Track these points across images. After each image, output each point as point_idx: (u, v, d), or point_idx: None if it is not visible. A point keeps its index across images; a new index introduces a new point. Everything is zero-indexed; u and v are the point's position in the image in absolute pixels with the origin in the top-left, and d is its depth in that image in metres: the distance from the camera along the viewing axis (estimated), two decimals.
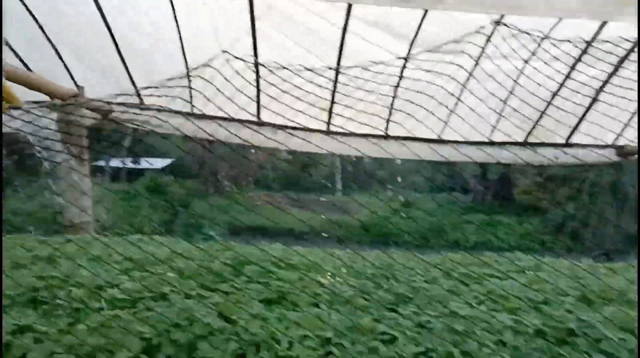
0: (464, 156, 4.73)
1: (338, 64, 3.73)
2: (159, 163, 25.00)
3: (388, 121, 4.44)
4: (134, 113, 4.76)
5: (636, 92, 3.83)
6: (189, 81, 4.39)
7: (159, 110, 5.03)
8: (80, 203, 3.62)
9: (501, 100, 3.99)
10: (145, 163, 25.05)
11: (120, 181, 23.20)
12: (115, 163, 24.47)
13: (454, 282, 2.66)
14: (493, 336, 1.75)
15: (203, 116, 4.88)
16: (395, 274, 2.82)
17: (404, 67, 3.74)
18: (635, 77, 3.79)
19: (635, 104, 4.24)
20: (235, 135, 4.06)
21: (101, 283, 2.15)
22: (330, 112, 4.36)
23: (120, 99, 4.53)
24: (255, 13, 3.59)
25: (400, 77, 3.81)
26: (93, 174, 23.77)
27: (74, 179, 3.56)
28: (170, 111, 4.79)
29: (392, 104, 4.16)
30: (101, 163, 23.87)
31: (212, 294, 2.06)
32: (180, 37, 3.89)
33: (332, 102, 4.23)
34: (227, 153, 22.01)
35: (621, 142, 4.69)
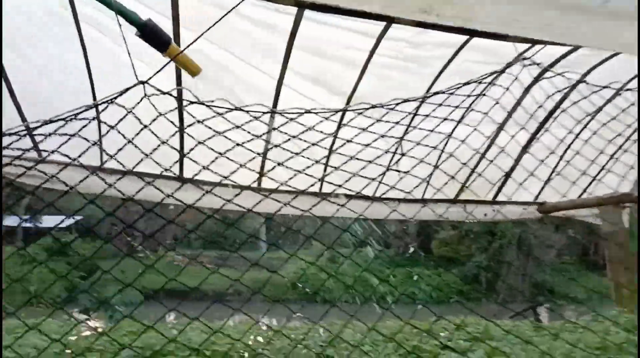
0: (397, 214, 4.65)
1: (273, 112, 3.52)
2: (63, 221, 22.50)
3: (322, 178, 4.25)
4: (31, 169, 4.09)
5: (554, 155, 4.06)
6: (99, 122, 3.89)
7: (59, 164, 4.39)
8: None
9: (430, 164, 4.02)
10: (48, 222, 22.44)
11: (15, 243, 20.41)
12: (9, 221, 21.58)
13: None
14: None
15: (115, 171, 4.34)
16: (344, 346, 2.49)
17: (341, 122, 3.63)
18: (553, 140, 4.02)
19: (553, 165, 4.51)
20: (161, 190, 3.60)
21: None
22: (262, 167, 4.08)
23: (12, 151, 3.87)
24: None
25: (337, 132, 3.69)
26: None
27: None
28: (76, 165, 4.18)
29: (327, 161, 3.99)
30: None
31: None
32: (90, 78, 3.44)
33: (265, 155, 3.97)
34: (143, 210, 20.53)
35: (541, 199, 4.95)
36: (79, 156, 2.40)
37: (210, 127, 2.02)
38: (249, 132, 2.50)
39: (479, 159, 4.31)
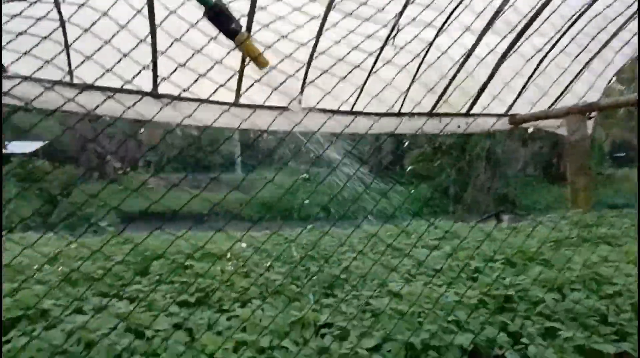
0: (374, 128, 4.70)
1: (250, 19, 3.33)
2: (30, 146, 21.70)
3: (302, 91, 4.18)
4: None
5: (529, 64, 4.08)
6: (67, 50, 3.63)
7: (25, 78, 4.12)
8: None
9: (410, 73, 3.98)
10: (14, 147, 21.57)
11: None
12: None
13: (382, 257, 2.57)
14: (443, 313, 1.65)
15: (85, 87, 4.12)
16: (320, 253, 2.65)
17: (320, 32, 3.49)
18: (529, 50, 4.02)
19: (526, 77, 4.55)
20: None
21: None
22: (239, 80, 3.96)
23: None
24: None
25: (316, 43, 3.56)
26: None
27: None
28: (42, 80, 3.94)
29: (306, 74, 3.90)
30: None
31: (114, 302, 1.66)
32: None
33: (242, 69, 3.84)
34: (114, 131, 19.91)
35: (513, 111, 5.06)
36: (49, 61, 2.22)
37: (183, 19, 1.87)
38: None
39: (457, 70, 4.30)
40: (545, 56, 4.31)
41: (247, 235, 3.37)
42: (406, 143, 21.74)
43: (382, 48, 3.70)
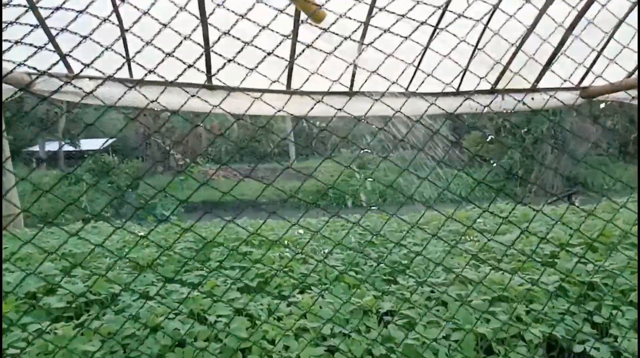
0: (430, 109, 4.49)
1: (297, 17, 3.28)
2: (101, 143, 23.28)
3: (353, 75, 4.08)
4: (61, 85, 4.09)
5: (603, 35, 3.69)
6: (124, 38, 3.78)
7: (90, 78, 4.37)
8: (2, 191, 3.05)
9: (470, 44, 3.73)
10: (85, 144, 23.30)
11: (59, 167, 21.52)
12: (51, 146, 22.57)
13: (445, 243, 2.44)
14: (518, 305, 1.52)
15: (144, 82, 4.29)
16: (380, 240, 2.57)
17: (370, 14, 3.36)
18: (602, 20, 3.63)
19: (600, 47, 4.12)
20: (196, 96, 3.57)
21: (32, 290, 1.72)
22: (290, 70, 3.93)
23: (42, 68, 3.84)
24: None
25: (366, 26, 3.44)
26: (26, 162, 21.82)
27: None
28: (105, 78, 4.15)
29: (357, 57, 3.79)
30: (35, 148, 21.92)
31: (177, 288, 1.69)
32: None
33: (292, 58, 3.80)
34: (174, 127, 20.86)
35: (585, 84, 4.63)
36: (116, 72, 2.26)
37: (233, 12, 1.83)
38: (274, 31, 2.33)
39: (520, 43, 3.98)
40: (620, 23, 3.88)
41: (304, 222, 3.36)
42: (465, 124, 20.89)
43: (437, 23, 3.49)
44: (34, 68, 2.17)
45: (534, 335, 1.32)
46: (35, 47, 1.87)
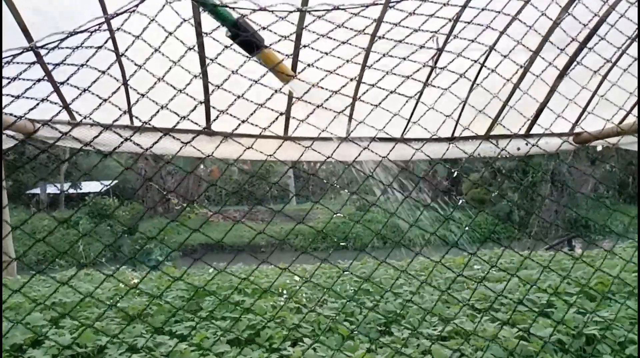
0: (427, 155, 4.56)
1: (295, 58, 3.41)
2: (101, 186, 23.42)
3: (350, 121, 4.17)
4: (63, 134, 4.18)
5: (593, 79, 3.81)
6: (127, 88, 3.91)
7: (91, 125, 4.46)
8: None
9: (459, 97, 3.84)
10: (86, 187, 23.41)
11: (60, 209, 21.52)
12: (52, 189, 22.67)
13: (443, 290, 2.40)
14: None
15: (144, 129, 4.38)
16: (376, 288, 2.53)
17: (365, 64, 3.49)
18: (591, 66, 3.76)
19: (589, 94, 4.26)
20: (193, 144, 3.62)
21: (19, 342, 1.68)
22: (287, 116, 4.04)
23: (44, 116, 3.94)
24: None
25: (362, 74, 3.56)
26: (27, 204, 21.81)
27: None
28: (105, 126, 4.24)
29: (352, 106, 3.90)
30: (36, 190, 22.01)
31: (166, 340, 1.65)
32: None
33: (289, 104, 3.92)
34: (175, 170, 21.04)
35: (577, 130, 4.72)
36: (117, 120, 2.29)
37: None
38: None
39: (512, 90, 4.10)
40: (611, 69, 4.01)
41: (301, 268, 3.32)
42: (459, 168, 21.09)
43: (429, 74, 3.62)
44: (35, 120, 2.21)
45: None
46: (39, 99, 1.92)
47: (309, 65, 2.04)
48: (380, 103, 2.05)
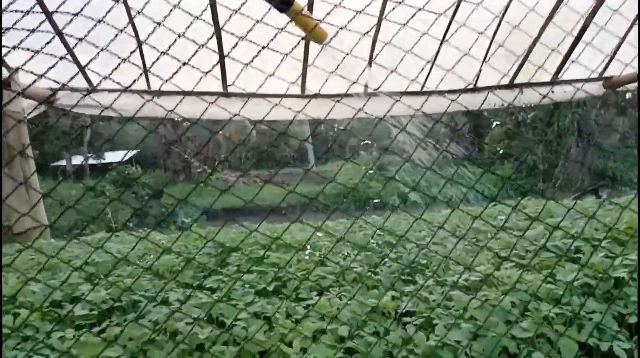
0: (450, 106, 4.44)
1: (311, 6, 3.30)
2: (124, 155, 23.89)
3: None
4: (81, 97, 4.22)
5: (629, 22, 3.59)
6: (141, 51, 3.87)
7: (109, 91, 4.48)
8: (30, 205, 3.15)
9: (487, 36, 3.67)
10: (109, 157, 23.92)
11: (85, 179, 22.14)
12: (77, 160, 23.26)
13: (465, 241, 2.40)
14: (541, 303, 1.47)
15: (161, 92, 4.38)
16: (397, 240, 2.53)
17: (383, 11, 3.35)
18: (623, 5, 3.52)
19: (620, 35, 4.01)
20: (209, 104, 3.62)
21: (58, 298, 1.76)
22: (304, 72, 3.96)
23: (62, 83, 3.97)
24: None
25: (379, 23, 3.43)
26: (54, 175, 22.50)
27: (17, 180, 3.06)
28: (122, 90, 4.26)
29: (370, 57, 3.79)
30: (62, 162, 22.63)
31: (196, 293, 1.71)
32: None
33: (306, 62, 3.83)
34: (194, 135, 21.20)
35: (607, 74, 4.50)
36: (133, 84, 2.24)
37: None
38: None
39: (538, 35, 3.90)
40: None
41: (323, 225, 3.36)
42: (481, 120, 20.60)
43: (453, 14, 3.46)
44: (55, 81, 2.21)
45: (566, 337, 1.28)
46: (55, 56, 1.90)
47: (326, 23, 1.92)
48: (409, 50, 1.97)
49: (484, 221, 1.69)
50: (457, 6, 3.47)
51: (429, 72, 4.13)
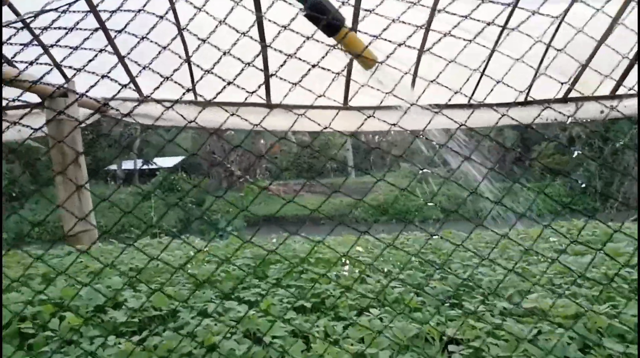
0: (495, 121, 4.27)
1: (355, 15, 3.29)
2: (171, 161, 24.83)
3: (412, 86, 3.99)
4: (132, 107, 4.40)
5: None
6: (189, 64, 3.99)
7: (158, 101, 4.65)
8: (80, 209, 3.29)
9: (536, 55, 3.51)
10: (157, 163, 24.90)
11: (134, 184, 23.15)
12: (127, 165, 24.40)
13: (515, 262, 2.26)
14: (602, 338, 1.34)
15: (207, 103, 4.48)
16: (442, 258, 2.43)
17: (429, 23, 3.28)
18: None
19: None
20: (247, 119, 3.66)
21: (102, 303, 1.80)
22: (347, 85, 3.94)
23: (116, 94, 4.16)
24: None
25: (426, 35, 3.36)
26: (105, 180, 23.64)
27: (70, 185, 3.21)
28: (172, 101, 4.41)
29: (416, 69, 3.71)
30: (113, 167, 23.80)
31: (234, 306, 1.69)
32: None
33: (349, 73, 3.80)
34: (237, 145, 21.73)
35: None
36: (181, 97, 2.28)
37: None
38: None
39: (595, 48, 3.68)
40: None
41: (362, 239, 3.29)
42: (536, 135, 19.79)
43: (501, 30, 3.33)
44: (106, 99, 2.28)
45: None
46: (105, 75, 1.95)
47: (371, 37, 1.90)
48: (454, 59, 1.89)
49: (526, 244, 1.57)
50: (511, 13, 3.34)
51: (477, 85, 4.00)
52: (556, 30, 3.47)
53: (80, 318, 1.60)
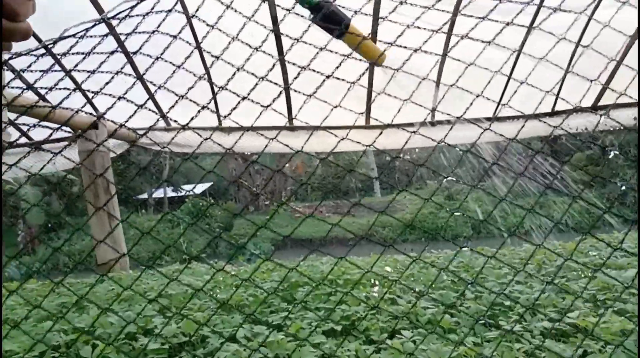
0: (522, 133, 4.18)
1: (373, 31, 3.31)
2: (199, 187, 25.32)
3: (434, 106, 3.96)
4: (170, 138, 4.53)
5: None
6: (213, 91, 4.10)
7: (184, 128, 4.77)
8: (112, 238, 3.37)
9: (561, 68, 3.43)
10: (186, 189, 25.36)
11: (163, 211, 23.65)
12: (157, 194, 25.00)
13: (553, 276, 2.16)
14: None
15: (231, 129, 4.59)
16: (474, 276, 2.34)
17: (449, 38, 3.28)
18: None
19: None
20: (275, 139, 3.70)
21: (133, 330, 1.81)
22: (368, 103, 3.94)
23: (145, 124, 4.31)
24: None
25: (446, 50, 3.35)
26: (136, 208, 24.21)
27: (102, 214, 3.30)
28: (197, 128, 4.52)
29: (437, 84, 3.69)
30: (144, 196, 24.43)
31: (262, 330, 1.67)
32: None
33: (370, 91, 3.82)
34: (261, 169, 21.98)
35: None
36: (214, 131, 2.36)
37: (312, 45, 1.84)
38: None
39: (624, 52, 3.58)
40: None
41: (392, 258, 3.23)
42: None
43: (523, 41, 3.28)
44: (134, 129, 2.35)
45: None
46: (137, 104, 2.01)
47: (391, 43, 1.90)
48: (472, 63, 1.86)
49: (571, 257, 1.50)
50: (535, 15, 3.30)
51: (501, 96, 3.93)
52: (578, 42, 3.41)
53: (111, 346, 1.61)
